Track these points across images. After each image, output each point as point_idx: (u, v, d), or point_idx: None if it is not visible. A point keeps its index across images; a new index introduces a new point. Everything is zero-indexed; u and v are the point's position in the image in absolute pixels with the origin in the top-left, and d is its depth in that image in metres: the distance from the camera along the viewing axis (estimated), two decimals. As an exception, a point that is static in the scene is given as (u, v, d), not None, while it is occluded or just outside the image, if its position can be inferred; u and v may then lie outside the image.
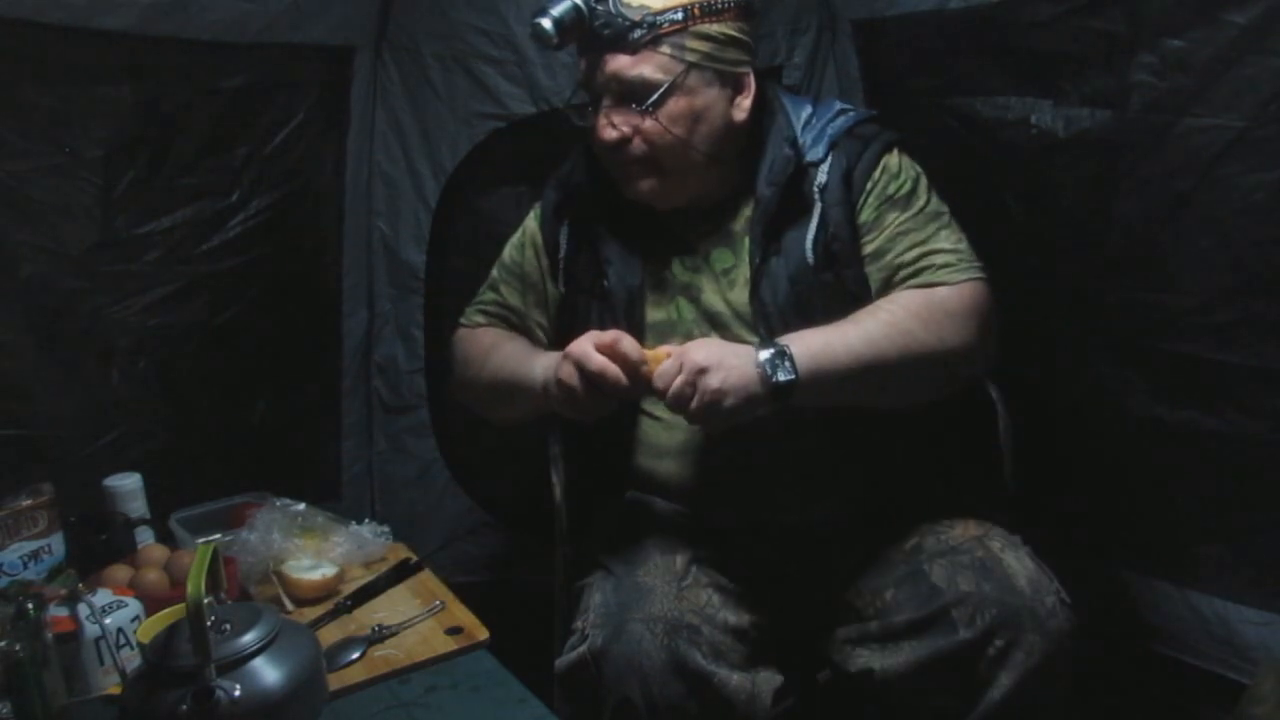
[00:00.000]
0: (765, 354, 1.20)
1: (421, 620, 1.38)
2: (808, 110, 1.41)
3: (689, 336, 1.34)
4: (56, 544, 1.41)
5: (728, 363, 1.19)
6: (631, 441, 1.42)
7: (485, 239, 2.04)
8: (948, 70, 1.73)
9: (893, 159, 1.37)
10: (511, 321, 1.50)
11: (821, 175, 1.35)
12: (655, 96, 1.28)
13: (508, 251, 1.54)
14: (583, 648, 1.20)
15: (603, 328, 1.30)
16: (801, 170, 1.35)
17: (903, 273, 1.31)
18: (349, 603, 1.43)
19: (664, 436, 1.39)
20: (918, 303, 1.27)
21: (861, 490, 1.37)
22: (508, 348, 1.44)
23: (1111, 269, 1.56)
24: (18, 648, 1.09)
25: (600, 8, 1.27)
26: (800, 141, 1.37)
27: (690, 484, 1.38)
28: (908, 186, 1.36)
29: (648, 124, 1.29)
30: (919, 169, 1.39)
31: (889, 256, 1.33)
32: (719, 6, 1.29)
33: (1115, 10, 1.43)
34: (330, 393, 2.05)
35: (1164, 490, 1.60)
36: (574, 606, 1.33)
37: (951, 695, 1.21)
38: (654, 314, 1.38)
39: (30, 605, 1.13)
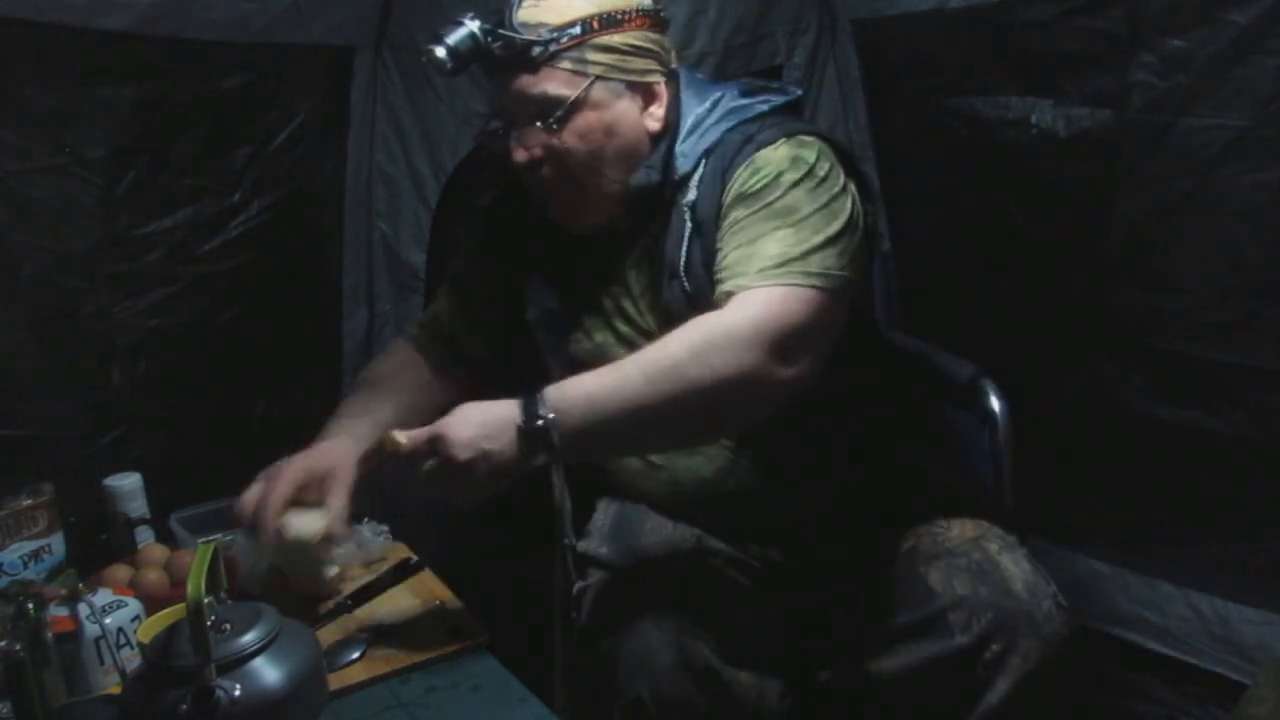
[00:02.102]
0: (524, 440, 1.10)
1: (421, 620, 1.38)
2: (704, 108, 1.30)
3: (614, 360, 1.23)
4: (56, 544, 1.41)
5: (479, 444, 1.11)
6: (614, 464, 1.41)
7: (485, 239, 2.05)
8: (948, 70, 1.73)
9: (769, 153, 1.22)
10: (439, 335, 1.49)
11: (691, 191, 1.26)
12: (560, 113, 1.23)
13: (454, 265, 1.54)
14: (590, 647, 1.21)
15: (531, 360, 1.34)
16: (669, 187, 1.27)
17: (716, 278, 1.19)
18: (349, 603, 1.43)
19: (630, 459, 1.38)
20: (691, 333, 1.12)
21: (848, 497, 1.37)
22: (359, 399, 1.43)
23: (1111, 269, 1.56)
24: (18, 648, 1.09)
25: (498, 30, 1.23)
26: (676, 153, 1.28)
27: (668, 500, 1.37)
28: (764, 182, 1.20)
29: (556, 142, 1.25)
30: (806, 160, 1.21)
31: (717, 260, 1.20)
32: (619, 17, 1.25)
33: (1116, 10, 1.43)
34: (331, 392, 2.05)
35: (1164, 490, 1.60)
36: (577, 607, 1.33)
37: (948, 699, 1.20)
38: (583, 343, 1.35)
39: (30, 605, 1.13)
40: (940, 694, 1.21)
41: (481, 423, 1.12)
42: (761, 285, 1.13)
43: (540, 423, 1.10)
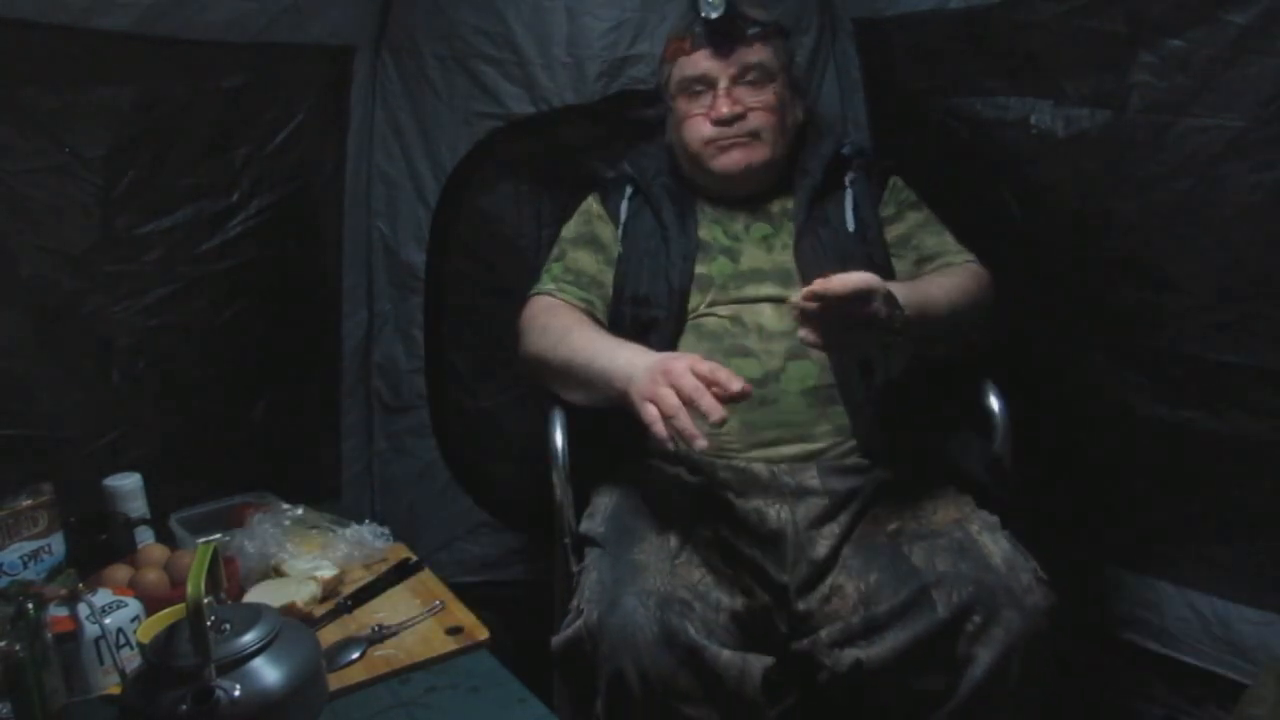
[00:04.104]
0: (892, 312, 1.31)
1: (421, 620, 1.38)
2: (828, 131, 1.78)
3: (724, 289, 1.55)
4: (56, 544, 1.41)
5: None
6: None
7: (485, 238, 2.04)
8: (948, 70, 1.73)
9: (898, 180, 1.68)
10: (581, 283, 1.63)
11: (851, 172, 1.65)
12: (771, 79, 1.60)
13: (572, 229, 1.72)
14: (579, 623, 1.24)
15: (654, 282, 1.57)
16: (839, 159, 1.66)
17: (927, 251, 1.59)
18: (349, 603, 1.43)
19: None
20: (974, 273, 1.55)
21: (860, 427, 1.46)
22: (590, 331, 1.53)
23: (1111, 269, 1.56)
24: (18, 648, 1.09)
25: (730, 11, 1.57)
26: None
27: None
28: (915, 196, 1.67)
29: (762, 99, 1.59)
30: None
31: (914, 241, 1.61)
32: (785, 29, 1.69)
33: (1115, 10, 1.43)
34: (330, 393, 2.05)
35: (1164, 490, 1.60)
36: (574, 589, 1.35)
37: (936, 677, 1.24)
38: (698, 269, 1.58)
39: (30, 605, 1.13)
40: (927, 673, 1.24)
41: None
42: (976, 262, 1.58)
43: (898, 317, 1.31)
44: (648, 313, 1.56)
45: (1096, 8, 1.45)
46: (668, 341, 1.52)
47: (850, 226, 1.58)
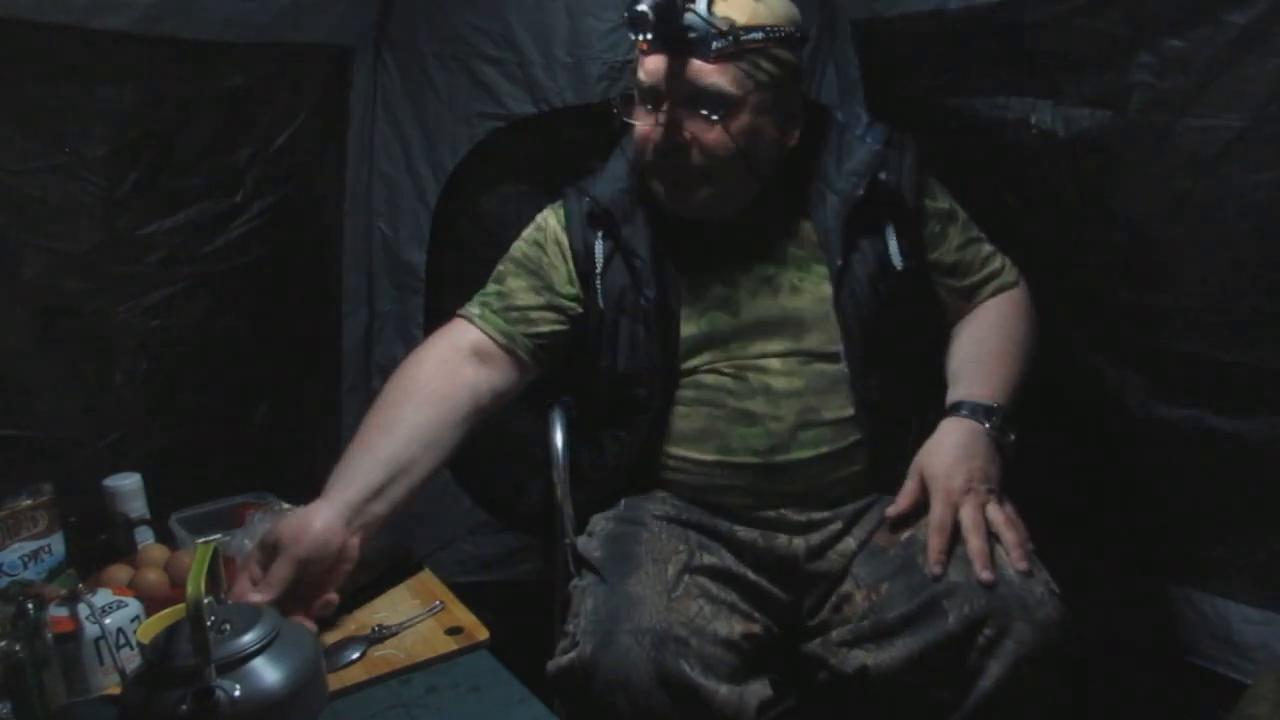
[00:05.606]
0: (985, 423, 1.31)
1: (421, 620, 1.38)
2: (841, 116, 1.49)
3: (725, 349, 1.39)
4: (56, 544, 1.41)
5: (967, 459, 1.28)
6: (666, 429, 1.42)
7: (485, 239, 2.04)
8: (947, 70, 1.74)
9: (932, 178, 1.47)
10: (510, 317, 1.46)
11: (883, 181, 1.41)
12: (723, 109, 1.30)
13: (520, 247, 1.51)
14: (573, 654, 1.22)
15: (633, 347, 1.39)
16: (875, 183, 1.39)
17: (975, 276, 1.48)
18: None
19: (683, 424, 1.41)
20: (1017, 309, 1.48)
21: (865, 479, 1.40)
22: (379, 435, 1.38)
23: (1111, 269, 1.56)
24: (18, 648, 1.09)
25: (690, 6, 1.27)
26: (846, 170, 1.42)
27: (711, 461, 1.40)
28: (948, 201, 1.49)
29: (711, 134, 1.31)
30: None
31: (963, 267, 1.47)
32: (789, 35, 1.33)
33: (1115, 10, 1.43)
34: (331, 393, 2.05)
35: (1164, 490, 1.60)
36: (568, 605, 1.34)
37: (944, 687, 1.21)
38: (686, 328, 1.41)
39: (30, 605, 1.13)
40: (936, 682, 1.21)
41: (956, 446, 1.30)
42: (1017, 277, 1.50)
43: (1007, 434, 1.32)
44: (629, 391, 1.41)
45: (1096, 8, 1.45)
46: (657, 422, 1.40)
47: (898, 264, 1.39)
